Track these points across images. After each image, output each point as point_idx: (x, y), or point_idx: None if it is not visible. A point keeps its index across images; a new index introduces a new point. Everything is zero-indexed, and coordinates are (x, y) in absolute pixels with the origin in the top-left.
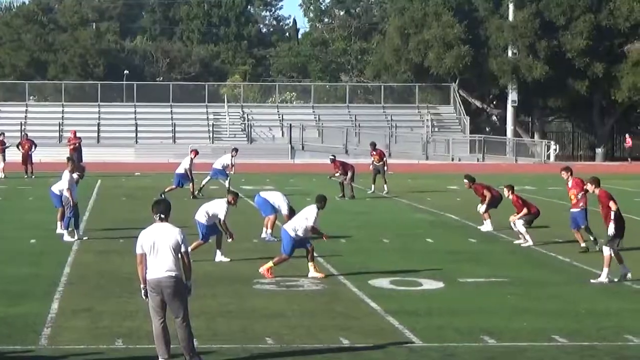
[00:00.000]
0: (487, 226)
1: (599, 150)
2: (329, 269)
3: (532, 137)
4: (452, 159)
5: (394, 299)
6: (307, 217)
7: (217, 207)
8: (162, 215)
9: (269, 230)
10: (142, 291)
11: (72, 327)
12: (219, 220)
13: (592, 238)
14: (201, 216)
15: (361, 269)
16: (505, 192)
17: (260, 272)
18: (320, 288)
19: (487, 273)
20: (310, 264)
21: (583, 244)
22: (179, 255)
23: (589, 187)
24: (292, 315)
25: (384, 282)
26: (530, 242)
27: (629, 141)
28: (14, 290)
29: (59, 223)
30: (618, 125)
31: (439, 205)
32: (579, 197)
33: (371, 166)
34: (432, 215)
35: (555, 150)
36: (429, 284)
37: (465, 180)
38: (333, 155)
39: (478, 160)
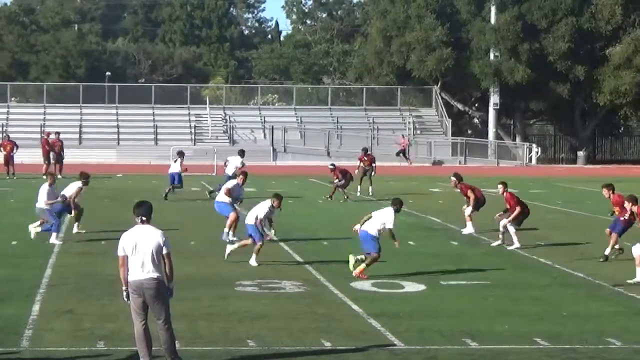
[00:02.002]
0: (469, 229)
1: (580, 153)
2: (311, 271)
3: (514, 140)
4: (434, 162)
5: (376, 301)
6: (385, 221)
7: (260, 208)
8: (144, 217)
9: (227, 230)
10: (124, 293)
11: (54, 329)
12: (256, 217)
13: (617, 247)
14: (251, 219)
15: (342, 271)
16: (500, 189)
17: (354, 274)
18: (303, 290)
19: (469, 276)
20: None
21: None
22: (161, 257)
23: (627, 205)
24: (274, 318)
25: (366, 285)
26: (517, 245)
27: None
28: None
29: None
30: (599, 129)
31: (420, 207)
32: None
33: (357, 170)
34: (414, 217)
35: (537, 153)
36: (411, 287)
37: (453, 178)
38: (333, 165)
39: (460, 162)
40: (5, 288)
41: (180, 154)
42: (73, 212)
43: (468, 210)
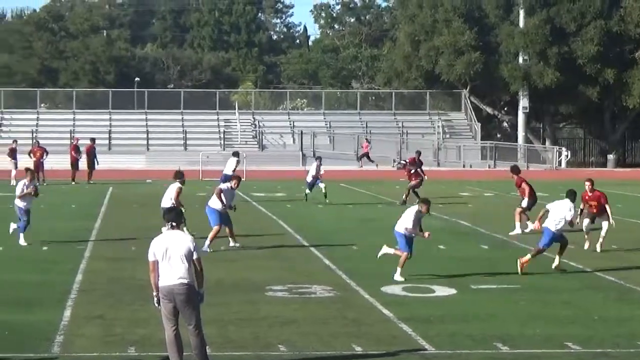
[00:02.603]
0: (517, 229)
1: (610, 157)
2: (341, 276)
3: (544, 143)
4: (464, 166)
5: (407, 305)
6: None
7: (407, 216)
8: (174, 223)
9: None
10: (155, 299)
11: (85, 335)
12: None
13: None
14: (400, 227)
15: (373, 276)
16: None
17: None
18: (333, 295)
19: (499, 279)
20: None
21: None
22: (191, 262)
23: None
24: (304, 323)
25: (396, 289)
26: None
27: None
28: (26, 297)
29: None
30: (629, 132)
31: (450, 211)
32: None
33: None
34: (443, 221)
35: (567, 156)
36: (441, 291)
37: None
38: (405, 161)
39: (489, 166)
40: (36, 293)
41: (319, 159)
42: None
43: (524, 202)
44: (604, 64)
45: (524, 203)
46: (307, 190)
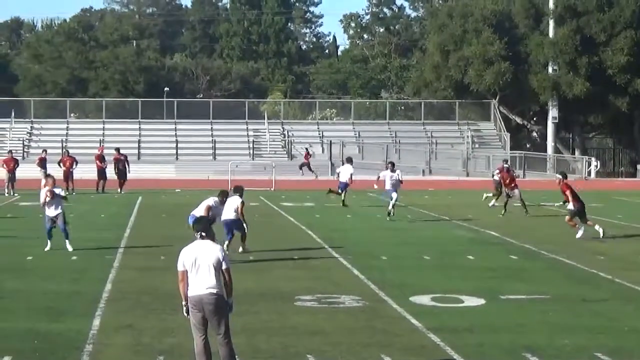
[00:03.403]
0: (580, 233)
1: None
2: (369, 285)
3: (573, 153)
4: (493, 176)
5: (435, 315)
6: None
7: None
8: (203, 233)
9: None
10: (184, 308)
11: (114, 344)
12: None
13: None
14: None
15: (402, 285)
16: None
17: None
18: (361, 305)
19: (528, 290)
20: None
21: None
22: (220, 272)
23: None
24: (333, 332)
25: (424, 299)
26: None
27: None
28: (56, 306)
29: None
30: None
31: (479, 222)
32: None
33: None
34: (472, 232)
35: (597, 166)
36: (470, 301)
37: (558, 176)
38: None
39: (519, 176)
40: (66, 302)
41: (349, 160)
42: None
43: (569, 206)
44: (634, 74)
45: (570, 206)
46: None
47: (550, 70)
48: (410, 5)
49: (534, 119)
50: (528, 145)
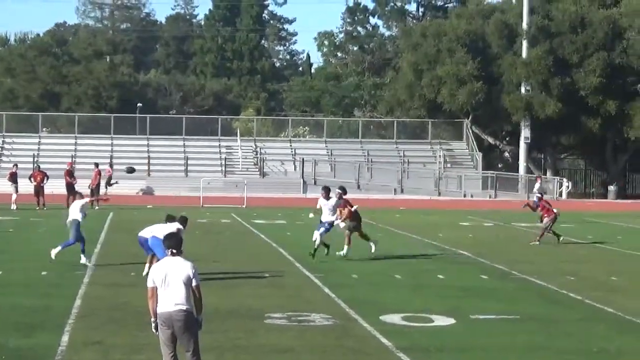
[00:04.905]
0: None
1: (611, 188)
2: (340, 304)
3: (545, 174)
4: (464, 195)
5: (406, 335)
6: None
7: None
8: (174, 250)
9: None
10: (153, 325)
11: None
12: None
13: None
14: None
15: (372, 304)
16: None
17: None
18: (331, 323)
19: (498, 310)
20: None
21: None
22: (190, 289)
23: None
24: (302, 351)
25: (395, 318)
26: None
27: None
28: (25, 321)
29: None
30: (630, 163)
31: (450, 241)
32: None
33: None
34: (444, 251)
35: (568, 187)
36: (440, 321)
37: (538, 195)
38: (540, 193)
39: (490, 196)
40: (36, 318)
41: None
42: None
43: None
44: (606, 96)
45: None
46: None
47: (523, 90)
48: (384, 24)
49: (507, 139)
50: (500, 165)
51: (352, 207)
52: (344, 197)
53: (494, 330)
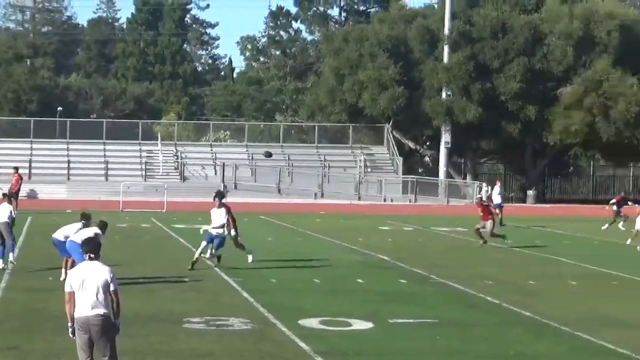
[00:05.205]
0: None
1: (530, 192)
2: (258, 308)
3: (465, 178)
4: (385, 200)
5: (324, 339)
6: None
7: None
8: (92, 255)
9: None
10: (70, 329)
11: None
12: None
13: None
14: None
15: (291, 309)
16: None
17: None
18: (250, 328)
19: (417, 314)
20: None
21: None
22: (108, 293)
23: None
24: (221, 355)
25: (313, 323)
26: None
27: None
28: None
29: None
30: (549, 168)
31: (370, 245)
32: None
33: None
34: (363, 255)
35: (487, 191)
36: (358, 325)
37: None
38: (480, 198)
39: (410, 201)
40: None
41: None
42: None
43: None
44: (526, 101)
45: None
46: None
47: (444, 95)
48: (306, 28)
49: (427, 143)
50: (420, 170)
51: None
52: (223, 201)
53: (412, 335)
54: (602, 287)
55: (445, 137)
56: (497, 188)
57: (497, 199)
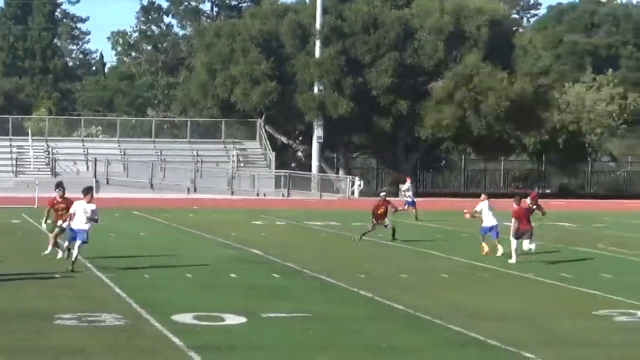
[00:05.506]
0: None
1: (404, 187)
2: (131, 304)
3: (337, 172)
4: (258, 194)
5: (197, 334)
6: None
7: None
8: None
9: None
10: None
11: None
12: None
13: None
14: None
15: (164, 304)
16: None
17: None
18: (123, 323)
19: (289, 308)
20: None
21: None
22: None
23: None
24: (93, 351)
25: (186, 318)
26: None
27: None
28: None
29: None
30: (421, 162)
31: (243, 240)
32: None
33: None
34: (236, 250)
35: (360, 186)
36: (231, 319)
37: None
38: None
39: (283, 195)
40: None
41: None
42: None
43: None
44: (398, 96)
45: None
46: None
47: (316, 90)
48: (178, 23)
49: (300, 138)
50: (293, 165)
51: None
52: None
53: (285, 329)
54: (472, 279)
55: (318, 132)
56: (407, 184)
57: (408, 196)
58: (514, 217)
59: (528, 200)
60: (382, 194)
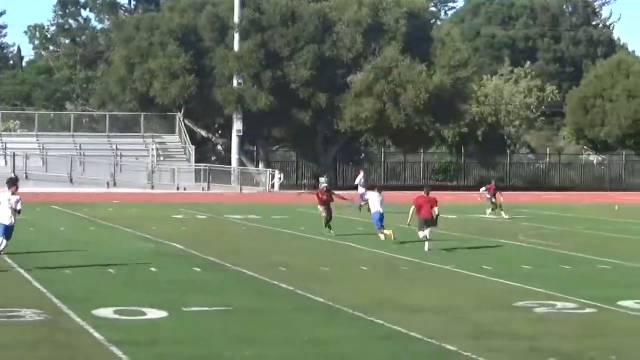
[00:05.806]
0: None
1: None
2: (51, 298)
3: (257, 166)
4: (178, 188)
5: (118, 328)
6: None
7: None
8: None
9: None
10: None
11: None
12: None
13: None
14: None
15: (85, 299)
16: None
17: None
18: (42, 318)
19: (210, 302)
20: None
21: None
22: None
23: None
24: (12, 346)
25: (107, 312)
26: None
27: None
28: None
29: None
30: (341, 155)
31: (163, 234)
32: None
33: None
34: (157, 244)
35: (280, 179)
36: (152, 314)
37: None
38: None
39: (203, 189)
40: None
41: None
42: None
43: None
44: (317, 88)
45: None
46: None
47: (235, 83)
48: (96, 17)
49: (219, 132)
50: (213, 158)
51: None
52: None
53: (206, 322)
54: (393, 271)
55: (237, 125)
56: (359, 177)
57: (360, 189)
58: (415, 205)
59: (483, 190)
60: (324, 184)
